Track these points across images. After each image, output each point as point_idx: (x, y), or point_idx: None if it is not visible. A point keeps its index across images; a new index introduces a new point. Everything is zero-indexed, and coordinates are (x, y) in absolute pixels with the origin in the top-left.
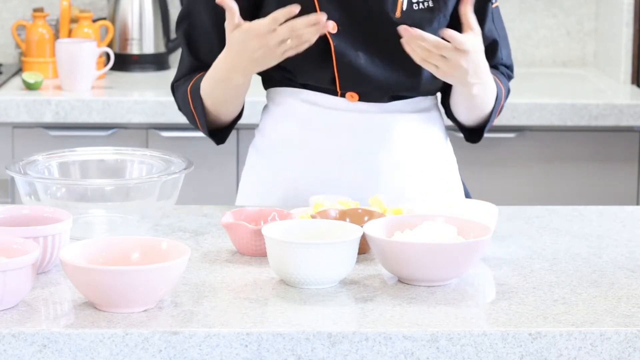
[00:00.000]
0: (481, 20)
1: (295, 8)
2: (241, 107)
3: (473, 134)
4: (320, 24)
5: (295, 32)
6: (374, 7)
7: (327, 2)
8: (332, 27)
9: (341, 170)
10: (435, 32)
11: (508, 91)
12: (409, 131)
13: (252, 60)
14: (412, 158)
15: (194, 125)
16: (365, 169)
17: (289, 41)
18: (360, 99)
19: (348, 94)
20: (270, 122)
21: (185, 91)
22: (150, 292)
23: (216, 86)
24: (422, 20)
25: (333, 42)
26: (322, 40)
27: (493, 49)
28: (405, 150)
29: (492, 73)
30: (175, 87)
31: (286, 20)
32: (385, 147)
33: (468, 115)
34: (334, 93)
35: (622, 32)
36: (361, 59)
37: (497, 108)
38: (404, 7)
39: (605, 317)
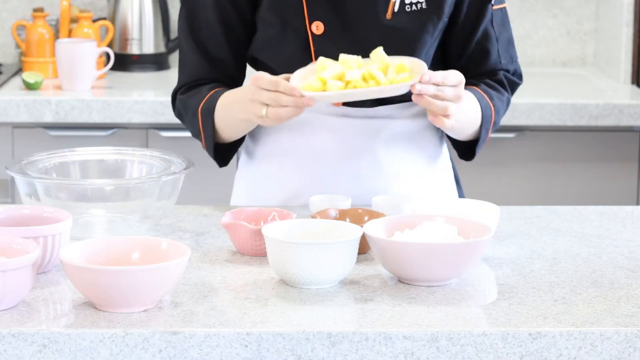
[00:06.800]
0: (478, 20)
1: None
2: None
3: (466, 151)
4: (295, 97)
5: (275, 98)
6: (365, 7)
7: (316, 1)
8: (309, 101)
9: (326, 174)
10: (429, 36)
11: (507, 102)
12: (394, 137)
13: (244, 106)
14: (396, 164)
15: (197, 139)
16: (348, 174)
17: (265, 110)
18: (344, 104)
19: None
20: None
21: (196, 110)
22: (150, 292)
23: (228, 115)
24: (413, 23)
25: (314, 45)
26: (305, 41)
27: (485, 52)
28: (389, 156)
29: (482, 90)
30: (178, 99)
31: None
32: (369, 152)
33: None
34: None
35: (622, 32)
36: None
37: (487, 124)
38: (396, 9)
39: (605, 317)
